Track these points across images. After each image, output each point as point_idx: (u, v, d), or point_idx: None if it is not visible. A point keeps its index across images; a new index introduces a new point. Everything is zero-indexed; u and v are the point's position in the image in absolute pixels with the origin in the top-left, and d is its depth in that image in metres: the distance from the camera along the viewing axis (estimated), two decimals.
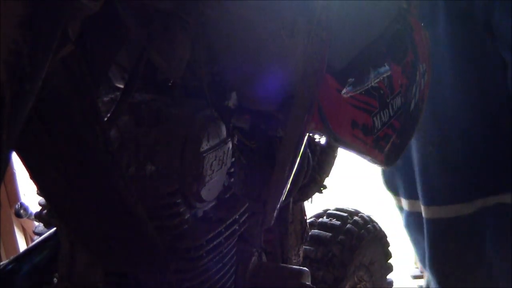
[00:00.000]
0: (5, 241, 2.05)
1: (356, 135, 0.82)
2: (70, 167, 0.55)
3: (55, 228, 0.88)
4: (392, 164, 1.03)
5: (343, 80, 0.77)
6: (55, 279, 0.76)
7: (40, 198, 1.02)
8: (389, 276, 1.62)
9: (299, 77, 0.65)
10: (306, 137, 0.71)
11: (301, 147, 0.69)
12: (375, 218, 1.55)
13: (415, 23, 1.09)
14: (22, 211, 1.39)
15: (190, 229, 0.75)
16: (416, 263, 2.59)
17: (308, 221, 1.26)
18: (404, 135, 1.03)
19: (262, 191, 0.78)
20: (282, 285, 0.85)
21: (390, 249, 1.57)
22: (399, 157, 1.05)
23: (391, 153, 0.99)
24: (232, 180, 0.84)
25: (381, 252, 1.54)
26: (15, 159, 0.55)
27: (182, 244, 0.74)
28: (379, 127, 0.89)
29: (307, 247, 1.34)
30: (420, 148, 1.51)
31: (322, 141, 1.07)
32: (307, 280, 0.87)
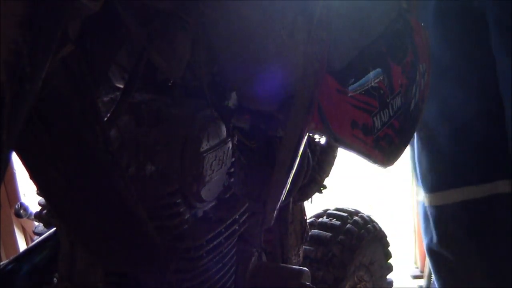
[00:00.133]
0: (5, 241, 2.04)
1: (356, 135, 0.82)
2: (70, 167, 0.55)
3: (55, 228, 0.88)
4: (392, 164, 1.03)
5: (343, 80, 0.77)
6: (55, 279, 0.76)
7: (40, 198, 1.02)
8: (389, 276, 1.62)
9: (299, 77, 0.65)
10: (306, 137, 0.71)
11: (301, 147, 0.69)
12: (375, 218, 1.55)
13: (415, 23, 1.09)
14: (22, 211, 1.38)
15: (190, 229, 0.75)
16: (416, 263, 2.58)
17: (308, 221, 1.26)
18: (404, 135, 1.03)
19: (262, 191, 0.77)
20: (282, 285, 0.85)
21: (390, 249, 1.57)
22: (399, 157, 1.05)
23: (391, 153, 0.99)
24: (232, 180, 0.84)
25: (381, 252, 1.54)
26: (15, 159, 0.55)
27: (182, 244, 0.74)
28: (379, 127, 0.89)
29: (307, 247, 1.34)
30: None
31: (322, 141, 1.07)
32: (307, 280, 0.87)
